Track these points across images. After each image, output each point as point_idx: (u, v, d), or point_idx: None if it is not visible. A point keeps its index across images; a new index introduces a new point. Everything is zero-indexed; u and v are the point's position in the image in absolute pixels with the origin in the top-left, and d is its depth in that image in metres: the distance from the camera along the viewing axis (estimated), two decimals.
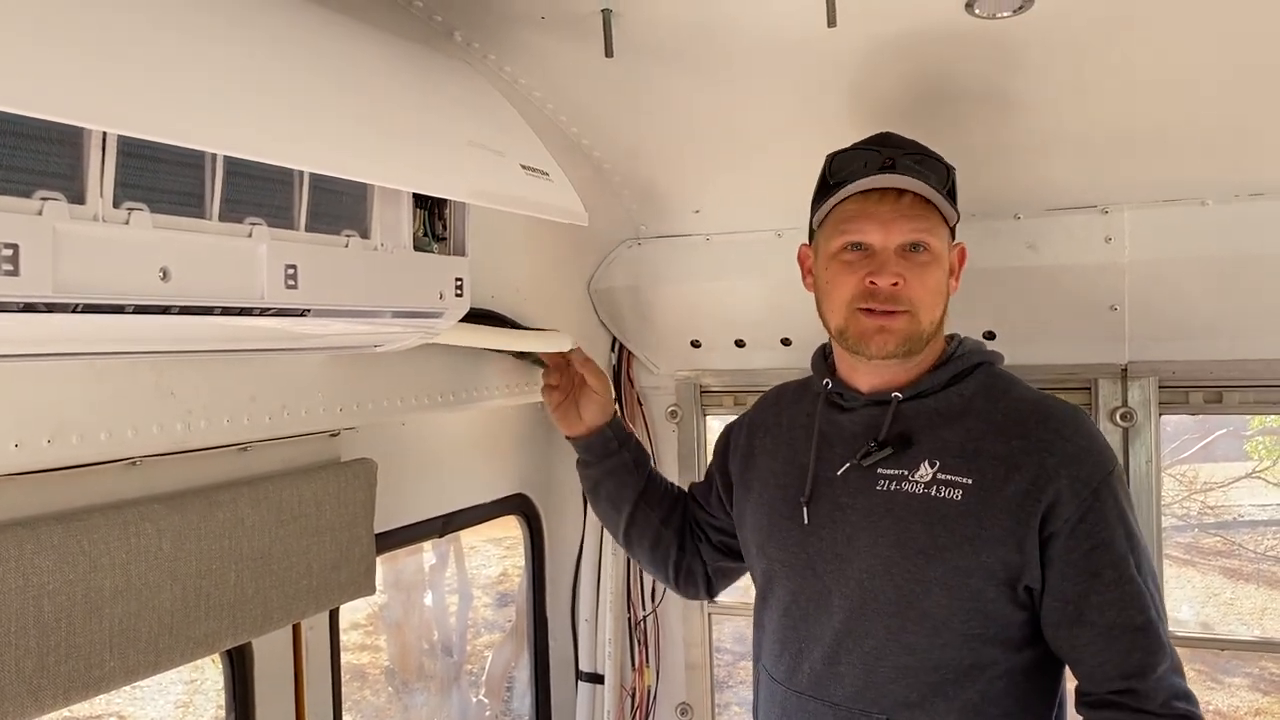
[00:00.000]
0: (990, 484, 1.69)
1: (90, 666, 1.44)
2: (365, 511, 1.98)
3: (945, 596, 1.69)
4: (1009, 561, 1.67)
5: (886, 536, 1.73)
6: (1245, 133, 2.01)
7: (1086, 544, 1.66)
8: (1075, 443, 1.70)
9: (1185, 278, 2.23)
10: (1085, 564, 1.66)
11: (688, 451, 2.91)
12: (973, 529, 1.67)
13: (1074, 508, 1.66)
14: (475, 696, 6.73)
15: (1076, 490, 1.66)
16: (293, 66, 1.37)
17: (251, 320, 1.41)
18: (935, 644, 1.70)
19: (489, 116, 1.83)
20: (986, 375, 1.83)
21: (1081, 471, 1.67)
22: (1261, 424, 10.22)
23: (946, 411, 1.78)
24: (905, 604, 1.71)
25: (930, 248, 1.74)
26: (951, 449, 1.74)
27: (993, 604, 1.69)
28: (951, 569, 1.68)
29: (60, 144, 1.12)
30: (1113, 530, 1.67)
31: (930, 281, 1.74)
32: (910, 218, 1.72)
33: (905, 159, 1.74)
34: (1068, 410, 1.77)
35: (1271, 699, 9.26)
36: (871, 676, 1.73)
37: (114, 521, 1.48)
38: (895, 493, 1.74)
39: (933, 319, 1.76)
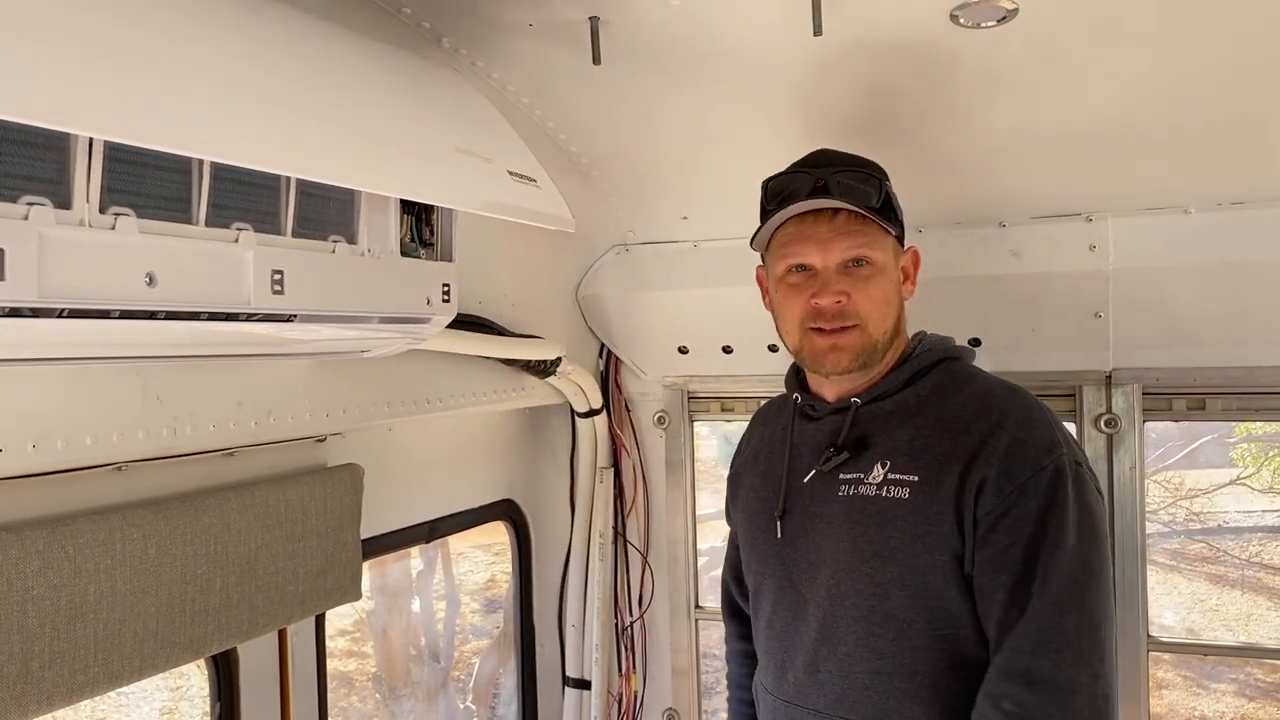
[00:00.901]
0: (933, 479, 1.68)
1: (75, 672, 1.44)
2: (352, 517, 1.98)
3: (905, 597, 1.68)
4: (956, 554, 1.66)
5: (846, 541, 1.75)
6: (1228, 142, 2.03)
7: (1005, 539, 1.63)
8: (1011, 434, 1.67)
9: (1169, 285, 2.25)
10: (1002, 559, 1.63)
11: (675, 457, 2.92)
12: (922, 526, 1.67)
13: (998, 500, 1.63)
14: (462, 703, 6.71)
15: (1001, 483, 1.64)
16: (281, 73, 1.37)
17: (238, 325, 1.41)
18: (904, 647, 1.69)
19: (476, 123, 1.83)
20: (945, 372, 1.82)
21: (1012, 464, 1.64)
22: (1247, 431, 10.27)
23: (901, 411, 1.79)
24: (869, 608, 1.71)
25: (872, 260, 1.76)
26: (901, 448, 1.74)
27: (955, 602, 1.67)
28: (906, 568, 1.68)
29: (47, 149, 1.12)
30: (1031, 529, 1.62)
31: (875, 293, 1.76)
32: (847, 234, 1.75)
33: (838, 177, 1.76)
34: (1016, 401, 1.74)
35: (1257, 705, 9.29)
36: (848, 683, 1.73)
37: (99, 527, 1.48)
38: (853, 497, 1.76)
39: (884, 329, 1.78)
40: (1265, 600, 10.56)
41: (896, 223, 1.82)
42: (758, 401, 2.83)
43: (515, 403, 2.61)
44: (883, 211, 1.77)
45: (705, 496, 3.10)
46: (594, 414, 2.84)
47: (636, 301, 2.77)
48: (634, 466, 2.95)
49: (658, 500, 2.95)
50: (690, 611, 2.94)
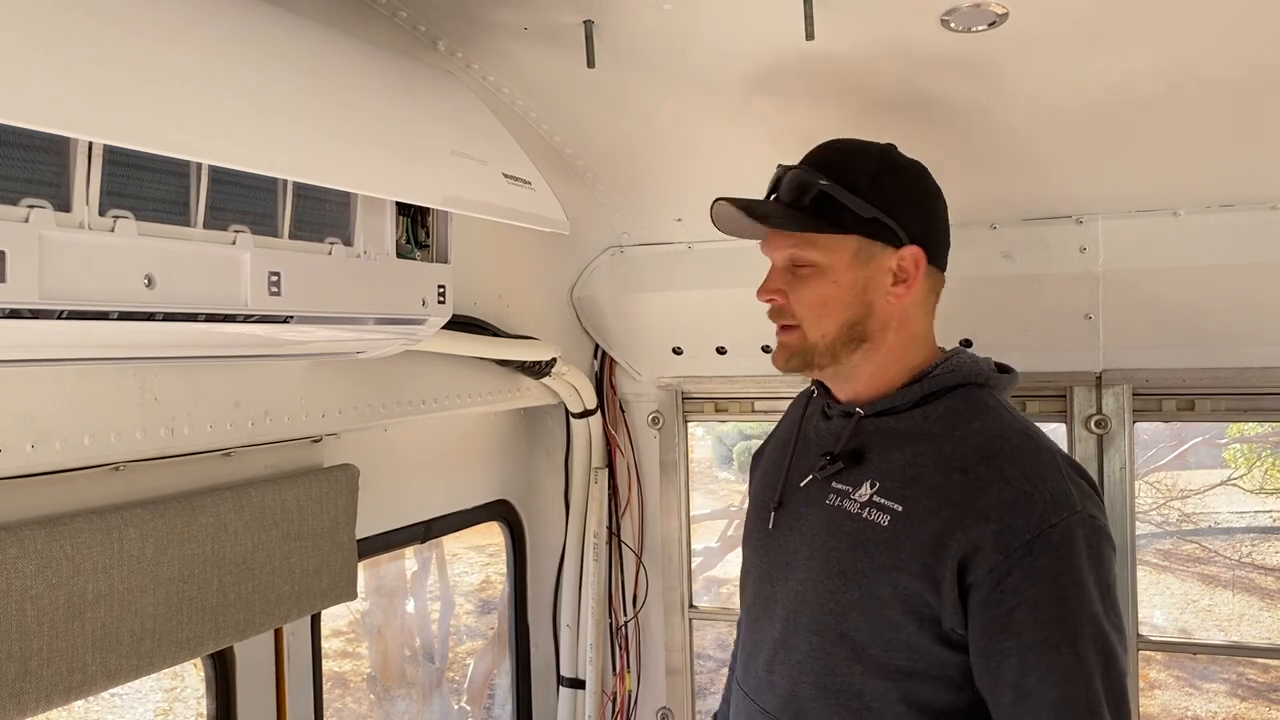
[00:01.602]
0: (917, 515, 1.58)
1: (72, 670, 1.45)
2: (347, 517, 1.99)
3: (863, 622, 1.61)
4: (924, 599, 1.56)
5: (818, 553, 1.69)
6: (1217, 144, 2.05)
7: (1011, 600, 1.50)
8: (1016, 486, 1.53)
9: (1159, 287, 2.27)
10: (1007, 623, 1.50)
11: (669, 458, 2.93)
12: (891, 558, 1.58)
13: (998, 559, 1.50)
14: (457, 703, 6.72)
15: (1003, 541, 1.50)
16: (277, 77, 1.39)
17: (235, 327, 1.42)
18: (854, 670, 1.62)
19: (472, 125, 1.84)
20: (962, 399, 1.69)
21: (1016, 520, 1.50)
22: (1239, 432, 10.32)
23: (905, 433, 1.69)
24: (825, 624, 1.65)
25: (810, 261, 1.68)
26: (893, 472, 1.65)
27: (915, 638, 1.58)
28: (868, 594, 1.60)
29: (46, 152, 1.13)
30: (1045, 591, 1.49)
31: (809, 295, 1.69)
32: (784, 234, 1.71)
33: (791, 174, 1.70)
34: (1024, 448, 1.60)
35: (1249, 705, 9.33)
36: (795, 690, 1.69)
37: (97, 526, 1.49)
38: (836, 509, 1.69)
39: (822, 332, 1.70)
40: (1257, 600, 10.61)
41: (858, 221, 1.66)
42: (752, 402, 2.86)
43: (510, 403, 2.62)
44: (820, 210, 1.67)
45: (699, 497, 3.12)
46: (588, 414, 2.85)
47: (631, 303, 2.79)
48: (628, 467, 2.96)
49: (652, 500, 2.97)
50: (684, 611, 2.95)
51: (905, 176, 1.73)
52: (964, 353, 1.77)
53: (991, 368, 1.76)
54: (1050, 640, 1.49)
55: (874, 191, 1.67)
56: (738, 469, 11.78)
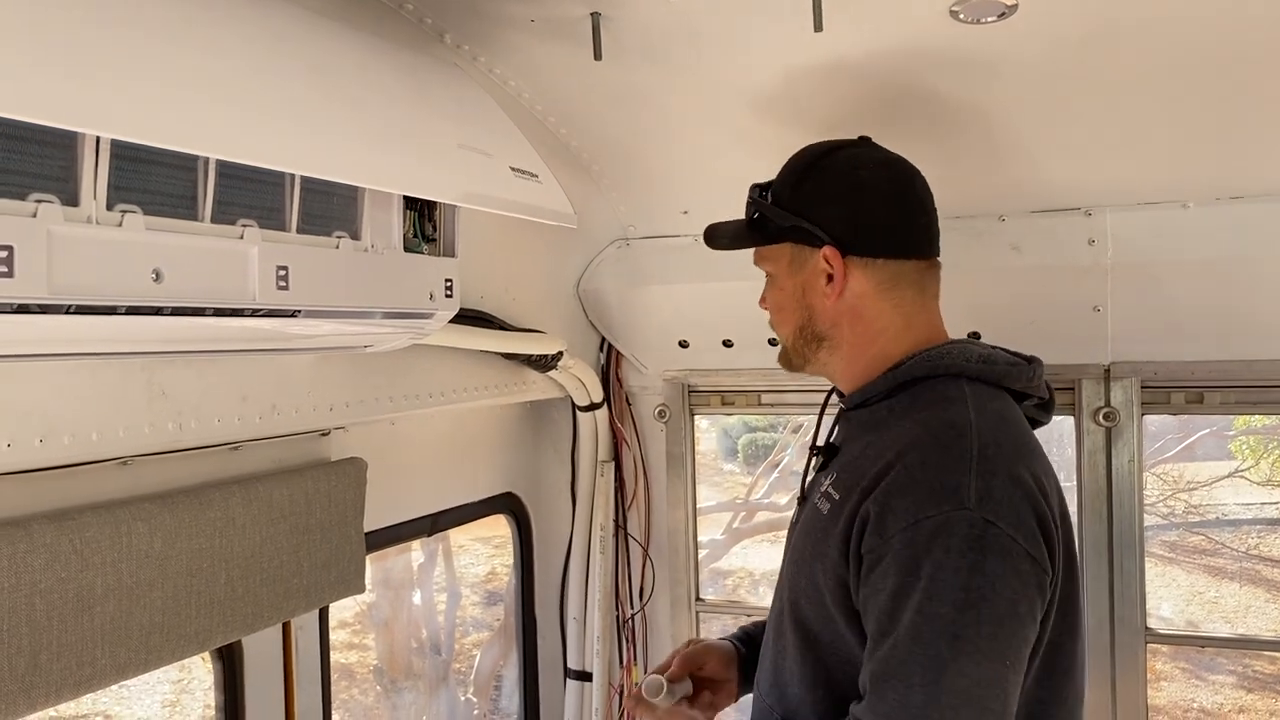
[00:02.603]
0: (845, 500, 1.58)
1: (81, 664, 1.45)
2: (355, 510, 1.99)
3: (810, 609, 1.63)
4: (845, 583, 1.54)
5: (795, 545, 1.75)
6: (1226, 136, 2.04)
7: (878, 583, 1.46)
8: (910, 473, 1.49)
9: (1167, 279, 2.26)
10: (868, 604, 1.48)
11: (676, 450, 2.93)
12: (822, 544, 1.60)
13: (875, 540, 1.48)
14: (463, 695, 6.74)
15: (883, 524, 1.47)
16: (284, 71, 1.38)
17: (243, 321, 1.42)
18: (808, 657, 1.63)
19: (478, 119, 1.84)
20: (928, 390, 1.65)
21: (897, 505, 1.47)
22: (1246, 424, 10.29)
23: (869, 425, 1.69)
24: (789, 613, 1.69)
25: (770, 273, 1.81)
26: (846, 464, 1.68)
27: (845, 625, 1.55)
28: (810, 581, 1.63)
29: (54, 147, 1.13)
30: (898, 580, 1.43)
31: (770, 302, 1.82)
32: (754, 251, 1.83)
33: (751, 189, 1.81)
34: (940, 439, 1.54)
35: (1255, 696, 9.33)
36: (778, 676, 1.72)
37: (105, 520, 1.49)
38: (812, 504, 1.73)
39: (785, 335, 1.81)
40: (1264, 593, 10.60)
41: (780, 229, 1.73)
42: (758, 395, 2.86)
43: (516, 397, 2.62)
44: (754, 224, 1.79)
45: (704, 490, 3.12)
46: (595, 408, 2.85)
47: (637, 296, 2.78)
48: (635, 460, 2.96)
49: (658, 493, 2.97)
50: (691, 604, 2.95)
51: (826, 176, 1.72)
52: (954, 344, 1.71)
53: (978, 357, 1.68)
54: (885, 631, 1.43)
55: (793, 198, 1.73)
56: (743, 462, 11.80)
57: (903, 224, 1.73)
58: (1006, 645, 1.41)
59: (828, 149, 1.75)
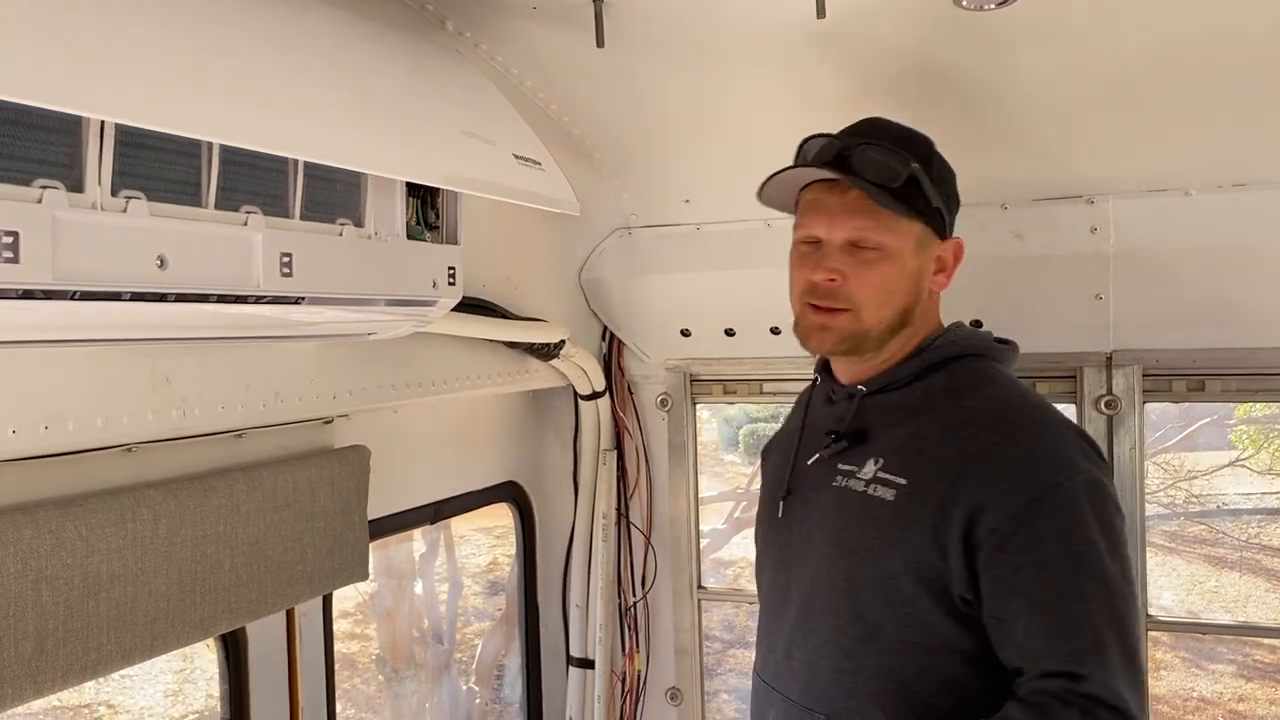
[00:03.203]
0: (924, 485, 1.59)
1: (87, 650, 1.45)
2: (358, 498, 2.00)
3: (877, 600, 1.61)
4: (935, 566, 1.57)
5: (829, 534, 1.70)
6: (1229, 124, 2.03)
7: (1015, 561, 1.51)
8: (1024, 447, 1.56)
9: (1170, 267, 2.26)
10: (1015, 582, 1.51)
11: (677, 439, 2.93)
12: (900, 531, 1.59)
13: (1002, 518, 1.51)
14: (466, 684, 6.76)
15: (1005, 502, 1.51)
16: (287, 57, 1.38)
17: (247, 308, 1.43)
18: (870, 649, 1.62)
19: (481, 106, 1.84)
20: (962, 370, 1.71)
21: (1021, 481, 1.53)
22: (1246, 413, 10.30)
23: (906, 407, 1.70)
24: (840, 605, 1.65)
25: (878, 245, 1.65)
26: (897, 447, 1.66)
27: (927, 613, 1.58)
28: (879, 571, 1.61)
29: (59, 133, 1.13)
30: (1050, 550, 1.50)
31: (874, 279, 1.65)
32: (855, 213, 1.64)
33: (866, 149, 1.64)
34: (1032, 414, 1.63)
35: (1255, 685, 9.35)
36: (814, 675, 1.69)
37: (110, 507, 1.49)
38: (844, 489, 1.69)
39: (880, 318, 1.67)
40: (1264, 582, 10.62)
41: (927, 209, 1.68)
42: (760, 384, 2.86)
43: (519, 385, 2.63)
44: (904, 193, 1.64)
45: (706, 479, 3.12)
46: (597, 396, 2.86)
47: (639, 284, 2.78)
48: (636, 448, 2.97)
49: (660, 482, 2.97)
50: (693, 592, 2.96)
51: (945, 170, 1.76)
52: (962, 326, 1.80)
53: (991, 339, 1.79)
54: (1057, 599, 1.49)
55: (940, 180, 1.71)
56: (744, 452, 11.81)
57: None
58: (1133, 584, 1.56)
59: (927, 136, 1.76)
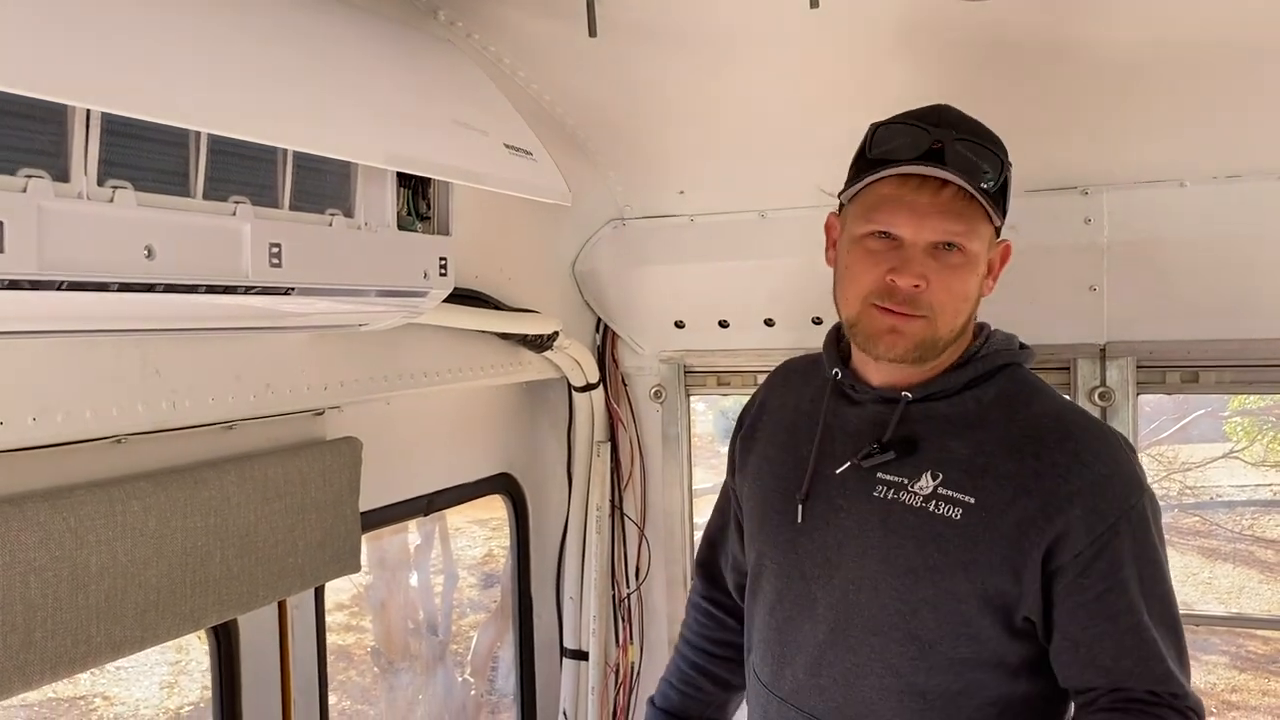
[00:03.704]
0: (994, 505, 1.53)
1: (77, 642, 1.45)
2: (350, 490, 1.99)
3: (934, 619, 1.57)
4: (1005, 590, 1.54)
5: (876, 550, 1.61)
6: (1224, 116, 2.03)
7: (1101, 584, 1.51)
8: (1095, 469, 1.53)
9: (1164, 258, 2.26)
10: (1098, 606, 1.52)
11: (671, 431, 2.93)
12: (969, 553, 1.54)
13: (1086, 542, 1.50)
14: (461, 676, 6.76)
15: (1091, 524, 1.50)
16: (277, 47, 1.37)
17: (236, 298, 1.42)
18: (920, 667, 1.58)
19: (472, 96, 1.83)
20: (1010, 380, 1.65)
21: (1100, 503, 1.51)
22: (1241, 405, 10.32)
23: (959, 419, 1.62)
24: (890, 624, 1.59)
25: (966, 249, 1.54)
26: (958, 462, 1.58)
27: (985, 630, 1.56)
28: (943, 591, 1.56)
29: (44, 122, 1.12)
30: (1130, 570, 1.52)
31: (957, 287, 1.55)
32: (949, 214, 1.52)
33: (958, 145, 1.52)
34: (1092, 429, 1.60)
35: (1248, 676, 9.39)
36: (852, 693, 1.63)
37: (100, 499, 1.49)
38: (892, 502, 1.60)
39: (953, 326, 1.58)
40: (1257, 574, 10.66)
41: (1003, 213, 1.60)
42: (754, 375, 2.85)
43: (512, 377, 2.62)
44: (995, 197, 1.55)
45: (699, 471, 3.12)
46: (591, 388, 2.85)
47: (633, 276, 2.78)
48: (630, 440, 2.96)
49: (654, 474, 2.97)
50: (687, 583, 2.95)
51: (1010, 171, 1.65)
52: (998, 331, 1.72)
53: (1018, 344, 1.73)
54: (1142, 621, 1.53)
55: (1009, 183, 1.61)
56: None
57: None
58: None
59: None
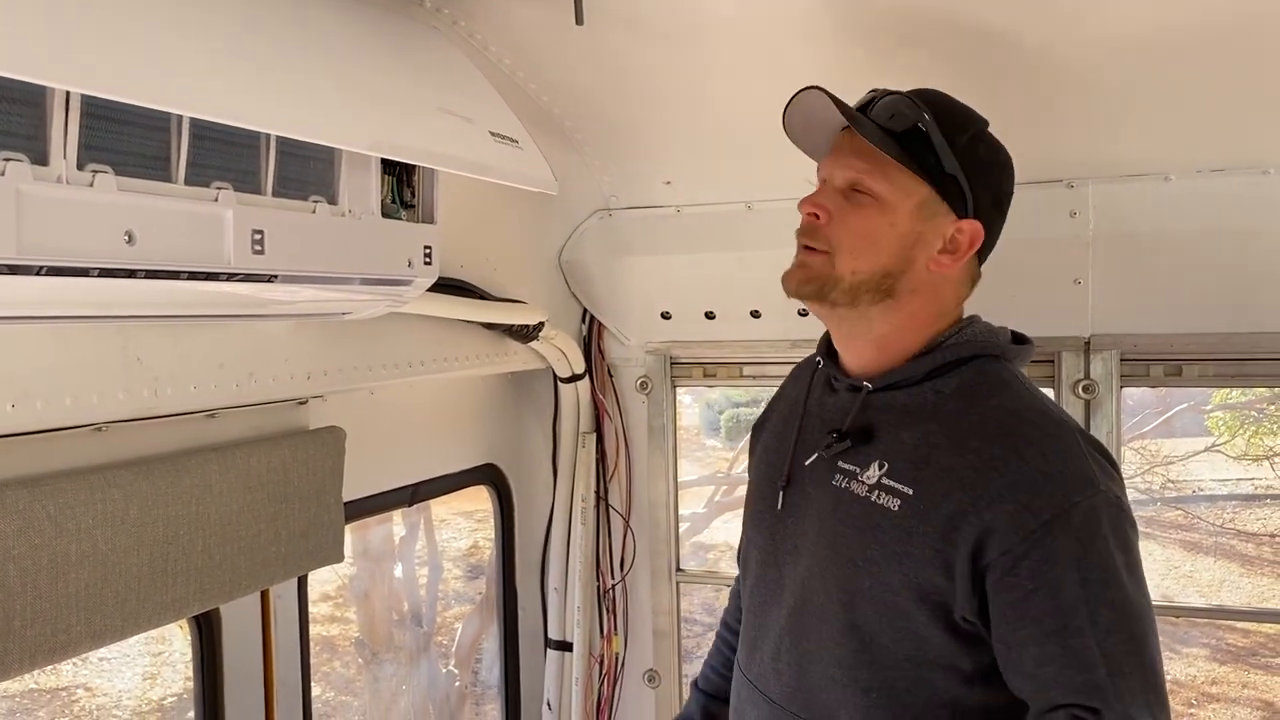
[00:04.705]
0: (930, 497, 1.51)
1: (56, 631, 1.44)
2: (334, 479, 1.98)
3: (872, 611, 1.55)
4: (938, 585, 1.49)
5: (826, 537, 1.62)
6: (1209, 110, 2.03)
7: (1029, 584, 1.43)
8: (1034, 464, 1.46)
9: (1149, 252, 2.26)
10: (1024, 607, 1.44)
11: (657, 422, 2.93)
12: (902, 544, 1.52)
13: (1016, 539, 1.43)
14: (445, 667, 6.76)
15: (1021, 520, 1.43)
16: (260, 30, 1.36)
17: (218, 285, 1.40)
18: (863, 660, 1.56)
19: (458, 83, 1.82)
20: (976, 373, 1.60)
21: (1035, 500, 1.44)
22: (1223, 399, 10.39)
23: (915, 409, 1.60)
24: (834, 613, 1.59)
25: (872, 191, 1.57)
26: (904, 452, 1.56)
27: (924, 627, 1.52)
28: (878, 583, 1.54)
29: (23, 104, 1.11)
30: (1065, 573, 1.42)
31: (857, 224, 1.57)
32: (857, 154, 1.58)
33: (896, 98, 1.58)
34: (1043, 426, 1.53)
35: (1228, 668, 9.47)
36: (803, 680, 1.63)
37: (80, 486, 1.47)
38: (843, 491, 1.61)
39: (853, 268, 1.57)
40: (1237, 566, 10.74)
41: (938, 173, 1.57)
42: (740, 367, 2.85)
43: (497, 367, 2.61)
44: (907, 143, 1.56)
45: (687, 464, 3.12)
46: (576, 379, 2.84)
47: (619, 266, 2.77)
48: (616, 431, 2.96)
49: (640, 465, 2.97)
50: (671, 574, 2.96)
51: (998, 155, 1.66)
52: (979, 321, 1.69)
53: (1008, 338, 1.68)
54: (1071, 626, 1.42)
55: (967, 151, 1.59)
56: (725, 436, 11.82)
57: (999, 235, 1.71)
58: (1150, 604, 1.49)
59: (986, 121, 1.66)
